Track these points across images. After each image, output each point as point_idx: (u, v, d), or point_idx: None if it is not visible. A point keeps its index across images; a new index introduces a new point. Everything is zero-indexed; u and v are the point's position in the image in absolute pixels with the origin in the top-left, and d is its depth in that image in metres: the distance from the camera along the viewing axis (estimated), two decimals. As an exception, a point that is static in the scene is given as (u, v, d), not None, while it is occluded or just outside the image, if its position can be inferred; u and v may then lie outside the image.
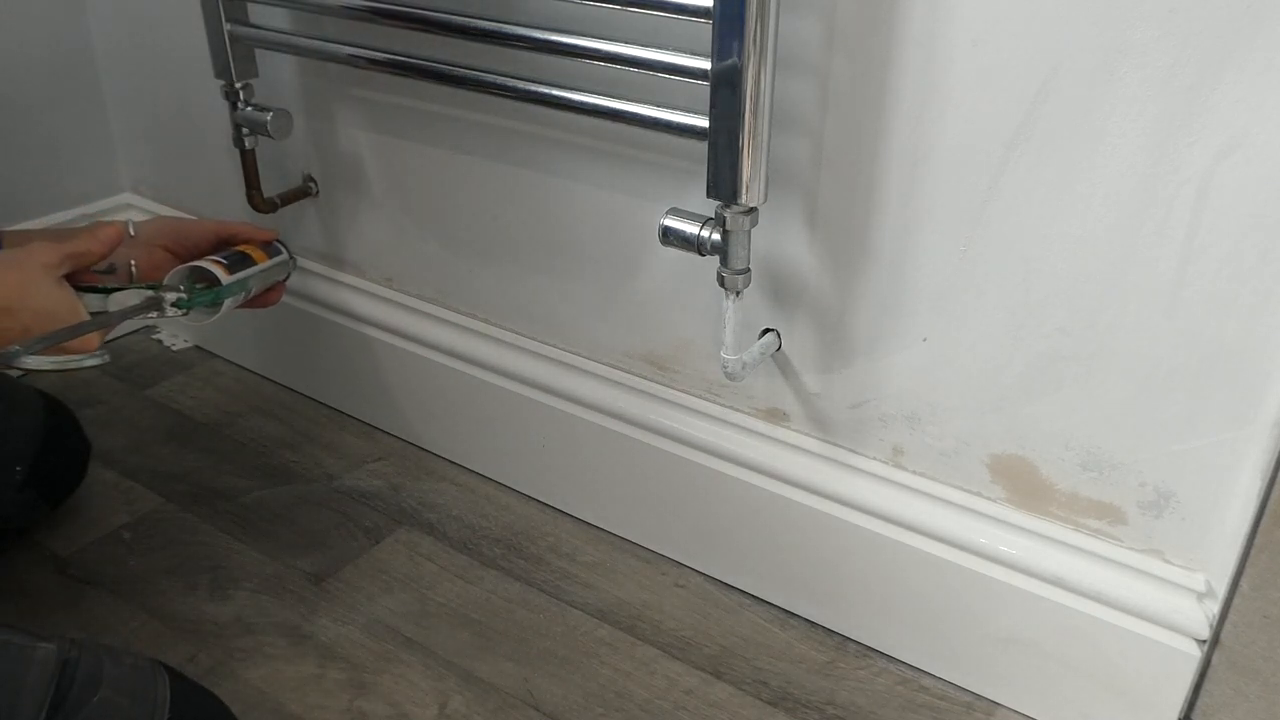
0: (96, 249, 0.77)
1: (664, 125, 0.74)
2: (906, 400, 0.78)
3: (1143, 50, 0.59)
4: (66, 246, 0.75)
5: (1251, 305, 0.62)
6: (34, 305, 0.70)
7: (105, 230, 0.78)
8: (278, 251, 0.92)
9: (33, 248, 0.73)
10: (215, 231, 0.89)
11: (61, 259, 0.74)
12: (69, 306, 0.73)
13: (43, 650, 0.62)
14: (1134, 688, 0.74)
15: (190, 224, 0.89)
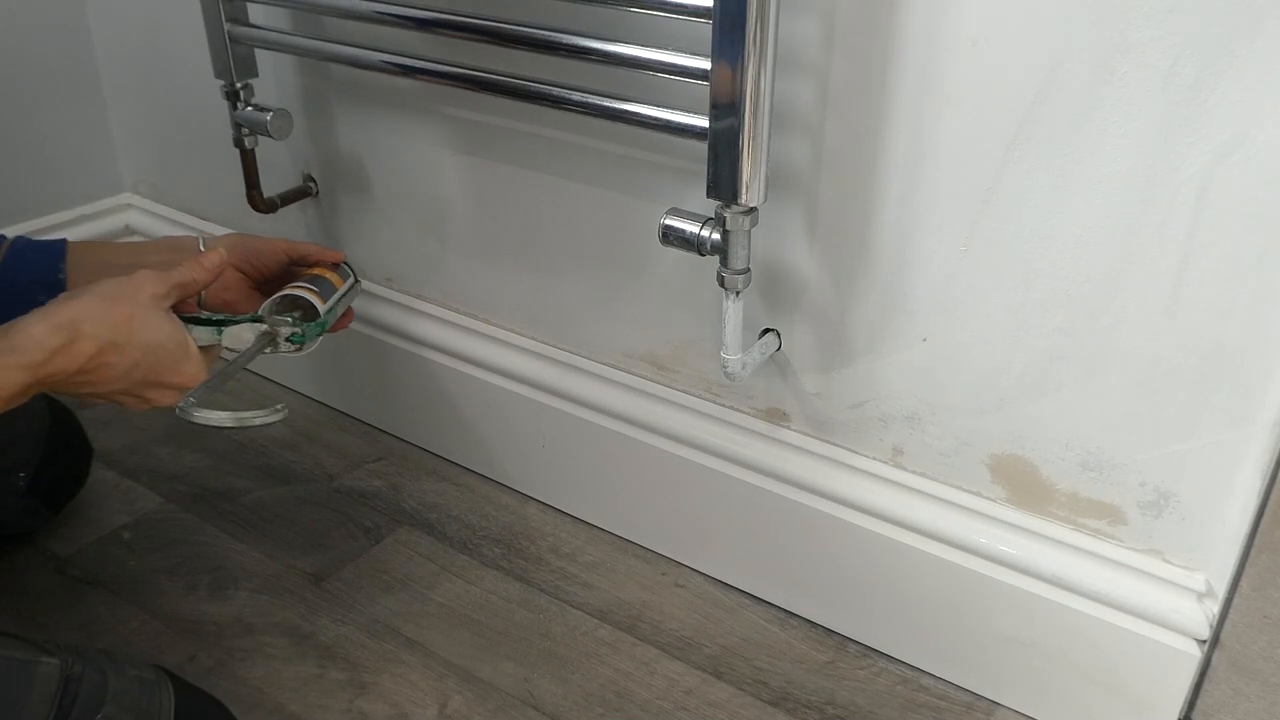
0: (202, 277, 0.74)
1: (664, 125, 0.74)
2: (906, 400, 0.78)
3: (1143, 50, 0.59)
4: (174, 276, 0.72)
5: (1251, 305, 0.62)
6: (143, 339, 0.67)
7: (209, 257, 0.75)
8: (347, 273, 0.88)
9: (140, 278, 0.69)
10: (285, 251, 0.87)
11: (169, 289, 0.71)
12: (179, 340, 0.70)
13: (45, 666, 0.61)
14: (1134, 688, 0.74)
15: (260, 242, 0.86)
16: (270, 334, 0.78)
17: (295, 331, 0.78)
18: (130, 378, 0.67)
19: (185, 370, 0.70)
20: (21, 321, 0.64)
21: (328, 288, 0.84)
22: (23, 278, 0.79)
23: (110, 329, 0.65)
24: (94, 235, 1.26)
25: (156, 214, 1.27)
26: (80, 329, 0.64)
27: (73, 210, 1.25)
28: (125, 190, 1.30)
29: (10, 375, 0.61)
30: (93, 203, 1.27)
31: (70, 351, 0.63)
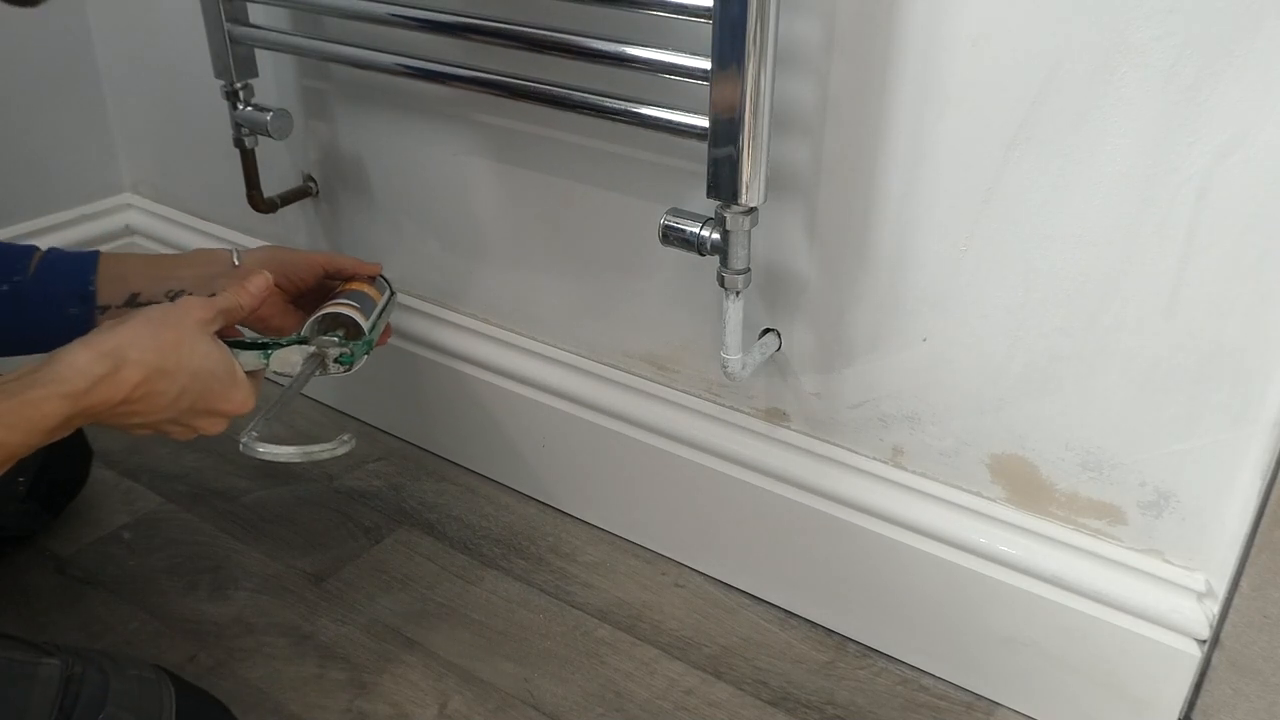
0: (248, 302, 0.73)
1: (664, 125, 0.74)
2: (906, 400, 0.78)
3: (1143, 50, 0.59)
4: (219, 301, 0.71)
5: (1251, 305, 0.62)
6: (191, 366, 0.66)
7: (255, 281, 0.74)
8: (384, 286, 0.87)
9: (185, 304, 0.68)
10: (321, 264, 0.85)
11: (215, 314, 0.69)
12: (226, 366, 0.69)
13: (46, 668, 0.61)
14: (1134, 688, 0.74)
15: (296, 255, 0.85)
16: (318, 356, 0.76)
17: (343, 352, 0.76)
18: (177, 406, 0.66)
19: (233, 397, 0.69)
20: (64, 350, 0.62)
21: (368, 303, 0.82)
22: (54, 289, 0.78)
23: (157, 355, 0.64)
24: (94, 235, 1.26)
25: (156, 214, 1.27)
26: (126, 355, 0.62)
27: (73, 210, 1.25)
28: (125, 190, 1.30)
29: (51, 405, 0.59)
30: (93, 203, 1.27)
31: (115, 380, 0.62)
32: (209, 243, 1.21)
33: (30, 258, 0.78)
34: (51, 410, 0.59)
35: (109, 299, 0.79)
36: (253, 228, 1.17)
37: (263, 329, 0.82)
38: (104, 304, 0.79)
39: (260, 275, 0.74)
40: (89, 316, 0.78)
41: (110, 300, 0.79)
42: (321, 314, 0.78)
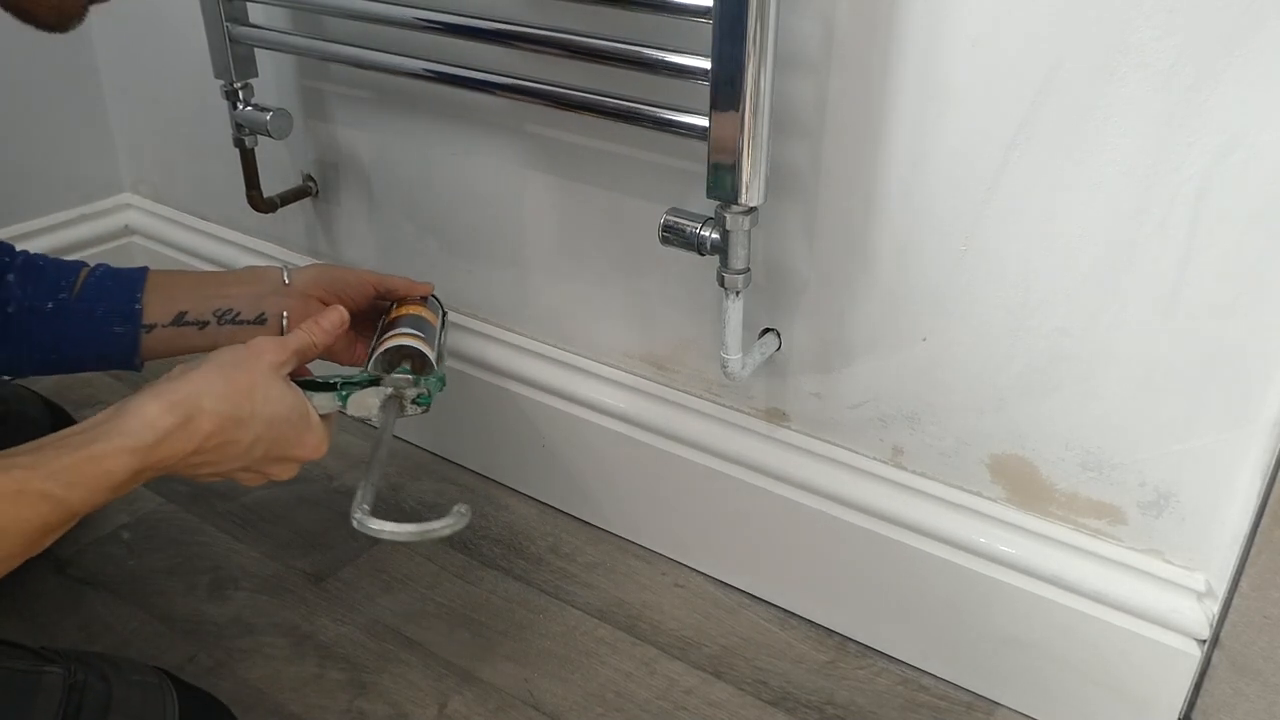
0: (322, 340, 0.70)
1: (664, 125, 0.74)
2: (906, 400, 0.78)
3: (1143, 50, 0.59)
4: (292, 342, 0.68)
5: (1251, 305, 0.62)
6: (266, 413, 0.63)
7: (329, 318, 0.71)
8: (437, 306, 0.84)
9: (258, 346, 0.65)
10: (373, 284, 0.82)
11: (289, 356, 0.67)
12: (301, 410, 0.66)
13: (49, 676, 0.60)
14: (1134, 688, 0.74)
15: (348, 274, 0.83)
16: (396, 397, 0.72)
17: (421, 393, 0.73)
18: (250, 454, 0.63)
19: (307, 442, 0.66)
20: (132, 401, 0.59)
21: (429, 330, 0.78)
22: (99, 307, 0.76)
23: (231, 404, 0.61)
24: (94, 235, 1.26)
25: (156, 214, 1.27)
26: (199, 404, 0.59)
27: (73, 210, 1.25)
28: (125, 190, 1.30)
29: (118, 461, 0.56)
30: (93, 203, 1.27)
31: (187, 431, 0.59)
32: (208, 242, 1.21)
33: (76, 275, 0.77)
34: (118, 466, 0.56)
35: (155, 318, 0.77)
36: (252, 228, 1.17)
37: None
38: (150, 323, 0.77)
39: (335, 311, 0.72)
40: (134, 335, 0.77)
41: (156, 319, 0.77)
42: (387, 347, 0.74)
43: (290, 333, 0.69)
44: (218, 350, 0.64)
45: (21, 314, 0.75)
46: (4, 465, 0.52)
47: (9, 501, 0.51)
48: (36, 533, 0.53)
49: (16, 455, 0.54)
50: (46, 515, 0.53)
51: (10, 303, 0.74)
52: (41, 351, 0.76)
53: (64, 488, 0.54)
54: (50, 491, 0.53)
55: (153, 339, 0.77)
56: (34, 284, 0.75)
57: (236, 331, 0.79)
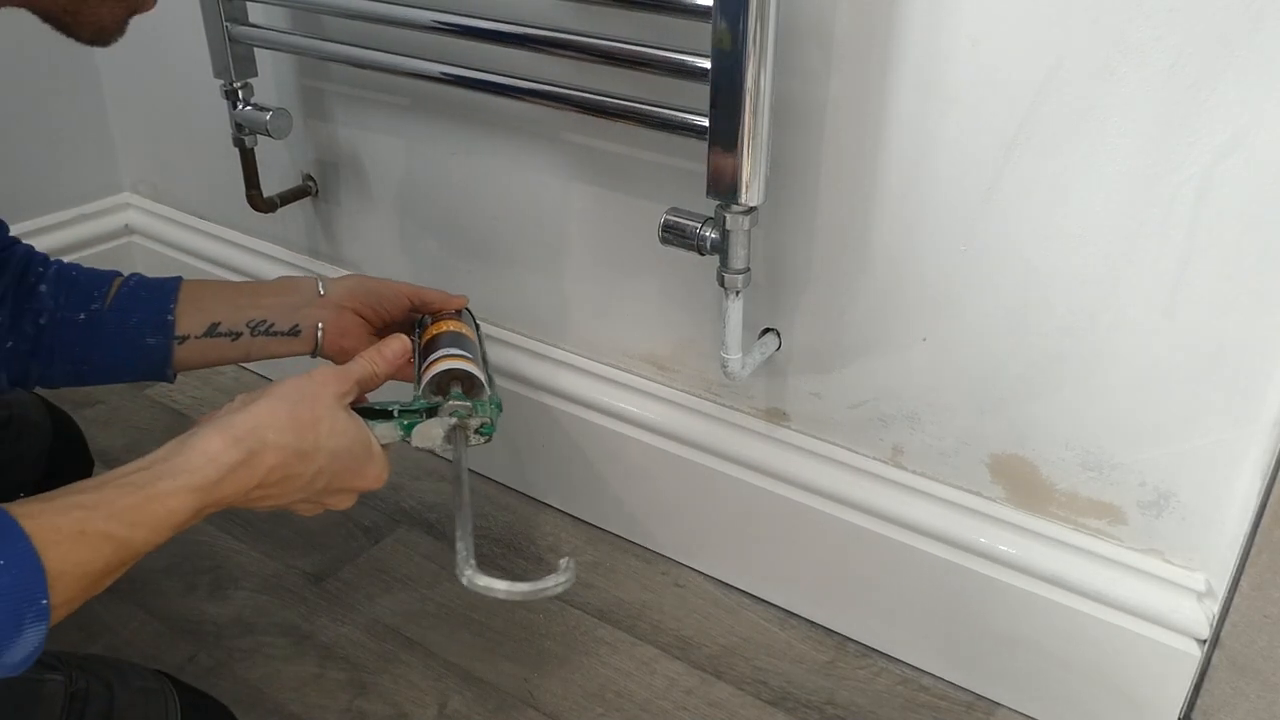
0: (384, 370, 0.68)
1: (664, 125, 0.74)
2: (906, 400, 0.78)
3: (1143, 50, 0.59)
4: (354, 372, 0.66)
5: (1251, 305, 0.62)
6: (329, 445, 0.61)
7: (391, 347, 0.69)
8: (470, 319, 0.82)
9: (321, 377, 0.63)
10: (408, 296, 0.81)
11: (352, 386, 0.65)
12: (363, 441, 0.64)
13: (50, 684, 0.60)
14: (1134, 688, 0.74)
15: (383, 286, 0.81)
16: (461, 426, 0.70)
17: (484, 422, 0.70)
18: (313, 487, 0.62)
19: (369, 473, 0.65)
20: (195, 435, 0.58)
21: (471, 347, 0.76)
22: (132, 318, 0.75)
23: (295, 436, 0.59)
24: (93, 235, 1.26)
25: (156, 214, 1.27)
26: (263, 438, 0.58)
27: (72, 210, 1.25)
28: (125, 190, 1.30)
29: (180, 499, 0.54)
30: (93, 202, 1.27)
31: (250, 466, 0.57)
32: (208, 242, 1.21)
33: (109, 285, 0.76)
34: (180, 505, 0.54)
35: (188, 329, 0.76)
36: (252, 227, 1.17)
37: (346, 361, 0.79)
38: (182, 334, 0.76)
39: (397, 340, 0.70)
40: (167, 346, 0.76)
41: (189, 330, 0.76)
42: (437, 371, 0.72)
43: (352, 361, 0.67)
44: (279, 381, 0.62)
45: (54, 325, 0.73)
46: (65, 506, 0.50)
47: (70, 543, 0.49)
48: (98, 574, 0.50)
49: (79, 494, 0.52)
50: (109, 557, 0.51)
51: (43, 313, 0.73)
52: (73, 363, 0.74)
53: (127, 528, 0.52)
54: (113, 532, 0.51)
55: (185, 350, 0.76)
56: (66, 294, 0.74)
57: (270, 343, 0.78)
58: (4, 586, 0.46)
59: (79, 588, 0.49)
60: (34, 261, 0.76)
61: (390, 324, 0.81)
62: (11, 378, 0.74)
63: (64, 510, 0.50)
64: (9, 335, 0.73)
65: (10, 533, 0.47)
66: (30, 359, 0.73)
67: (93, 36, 0.57)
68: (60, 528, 0.49)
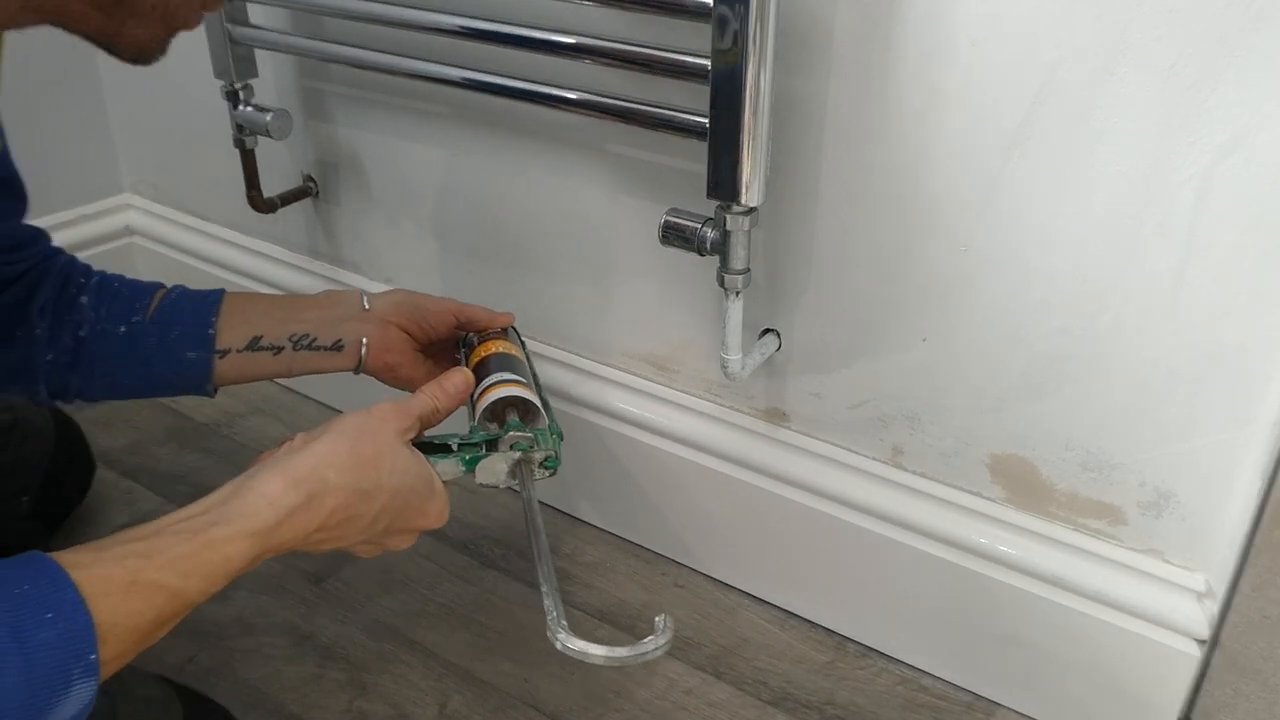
0: (446, 405, 0.66)
1: (664, 125, 0.74)
2: (906, 400, 0.78)
3: (1143, 50, 0.59)
4: (415, 407, 0.64)
5: (1251, 305, 0.62)
6: (392, 484, 0.59)
7: (453, 380, 0.67)
8: (515, 338, 0.81)
9: (382, 413, 0.61)
10: (454, 313, 0.80)
11: (413, 423, 0.63)
12: (425, 480, 0.62)
13: None
14: (1134, 688, 0.74)
15: (429, 301, 0.80)
16: (525, 460, 0.68)
17: (548, 454, 0.68)
18: (374, 528, 0.60)
19: (430, 511, 0.63)
20: (253, 477, 0.55)
21: (523, 371, 0.75)
22: (173, 331, 0.74)
23: (357, 475, 0.57)
24: (94, 235, 1.26)
25: (156, 214, 1.27)
26: (324, 478, 0.56)
27: (72, 210, 1.25)
28: (125, 190, 1.30)
29: (237, 546, 0.52)
30: (93, 203, 1.27)
31: (311, 508, 0.55)
32: (208, 242, 1.21)
33: (151, 297, 0.75)
34: (237, 552, 0.52)
35: (229, 342, 0.75)
36: (252, 228, 1.17)
37: (391, 378, 0.79)
38: (223, 347, 0.75)
39: (459, 373, 0.68)
40: (208, 360, 0.74)
41: (231, 344, 0.75)
42: (492, 400, 0.69)
43: (412, 396, 0.65)
44: (339, 418, 0.61)
45: (93, 337, 0.73)
46: (118, 555, 0.49)
47: (121, 594, 0.47)
48: (149, 627, 0.49)
49: (131, 542, 0.50)
50: (161, 608, 0.49)
51: (83, 325, 0.73)
52: (112, 376, 0.74)
53: (180, 578, 0.50)
54: (165, 582, 0.49)
55: (226, 364, 0.75)
56: (108, 306, 0.74)
57: (311, 357, 0.76)
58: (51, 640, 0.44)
59: (130, 641, 0.48)
60: (75, 272, 0.75)
61: (435, 341, 0.80)
62: (51, 390, 0.72)
63: (116, 560, 0.48)
64: (48, 348, 0.71)
65: (59, 583, 0.45)
66: (70, 372, 0.72)
67: (134, 56, 0.57)
68: (112, 578, 0.47)
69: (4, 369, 0.71)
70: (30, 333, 0.71)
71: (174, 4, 0.54)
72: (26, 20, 0.53)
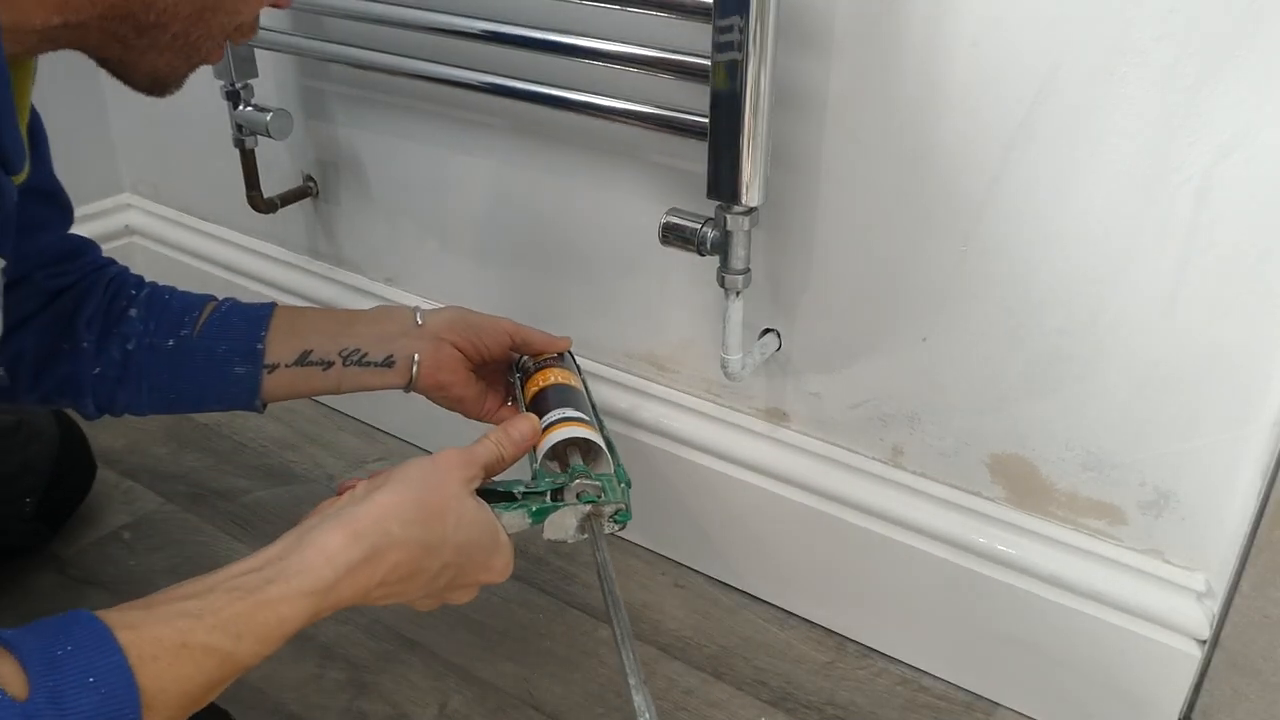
0: (512, 454, 0.63)
1: (664, 125, 0.74)
2: (906, 400, 0.78)
3: (1143, 50, 0.59)
4: (481, 455, 0.61)
5: (1251, 305, 0.62)
6: (458, 538, 0.57)
7: (520, 428, 0.64)
8: (572, 364, 0.78)
9: (446, 461, 0.59)
10: (509, 333, 0.77)
11: (479, 472, 0.60)
12: (490, 533, 0.59)
13: None
14: (1134, 688, 0.74)
15: (484, 320, 0.77)
16: (596, 514, 0.64)
17: (619, 508, 0.65)
18: (436, 583, 0.57)
19: (494, 565, 0.61)
20: (313, 530, 0.53)
21: (584, 405, 0.71)
22: (222, 345, 0.72)
23: (422, 529, 0.55)
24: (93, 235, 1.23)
25: (156, 214, 1.27)
26: (389, 532, 0.53)
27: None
28: (125, 190, 1.30)
29: (293, 606, 0.49)
30: (93, 203, 1.27)
31: (373, 563, 0.53)
32: (208, 242, 1.21)
33: (201, 310, 0.73)
34: (293, 612, 0.50)
35: (278, 357, 0.73)
36: (252, 228, 1.17)
37: (442, 398, 0.76)
38: (272, 362, 0.73)
39: (527, 421, 0.66)
40: (256, 376, 0.72)
41: (279, 359, 0.73)
42: (555, 441, 0.66)
43: (478, 443, 0.63)
44: (403, 465, 0.58)
45: (141, 351, 0.71)
46: (168, 614, 0.46)
47: (170, 657, 0.45)
48: (198, 692, 0.46)
49: (183, 600, 0.48)
50: (211, 672, 0.46)
51: (130, 339, 0.71)
52: (160, 391, 0.72)
53: (232, 640, 0.47)
54: (217, 645, 0.47)
55: (275, 379, 0.73)
56: (157, 319, 0.72)
57: (361, 374, 0.74)
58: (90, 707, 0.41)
59: (178, 707, 0.45)
60: (126, 284, 0.74)
61: (488, 361, 0.77)
62: (98, 404, 0.72)
63: (166, 620, 0.46)
64: (95, 361, 0.70)
65: (104, 646, 0.43)
66: (117, 386, 0.71)
67: (149, 85, 0.55)
68: (161, 639, 0.45)
69: (53, 382, 0.70)
70: (77, 346, 0.70)
71: (195, 37, 0.52)
72: (44, 49, 0.51)
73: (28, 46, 0.49)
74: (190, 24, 0.51)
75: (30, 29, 0.47)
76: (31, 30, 0.47)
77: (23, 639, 0.42)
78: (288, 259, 1.14)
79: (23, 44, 0.48)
